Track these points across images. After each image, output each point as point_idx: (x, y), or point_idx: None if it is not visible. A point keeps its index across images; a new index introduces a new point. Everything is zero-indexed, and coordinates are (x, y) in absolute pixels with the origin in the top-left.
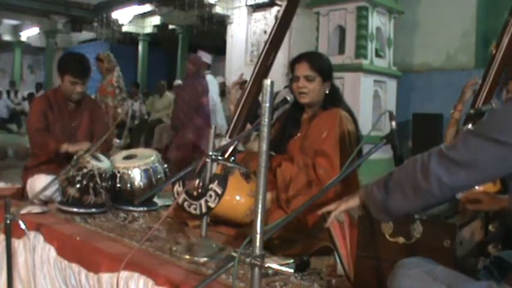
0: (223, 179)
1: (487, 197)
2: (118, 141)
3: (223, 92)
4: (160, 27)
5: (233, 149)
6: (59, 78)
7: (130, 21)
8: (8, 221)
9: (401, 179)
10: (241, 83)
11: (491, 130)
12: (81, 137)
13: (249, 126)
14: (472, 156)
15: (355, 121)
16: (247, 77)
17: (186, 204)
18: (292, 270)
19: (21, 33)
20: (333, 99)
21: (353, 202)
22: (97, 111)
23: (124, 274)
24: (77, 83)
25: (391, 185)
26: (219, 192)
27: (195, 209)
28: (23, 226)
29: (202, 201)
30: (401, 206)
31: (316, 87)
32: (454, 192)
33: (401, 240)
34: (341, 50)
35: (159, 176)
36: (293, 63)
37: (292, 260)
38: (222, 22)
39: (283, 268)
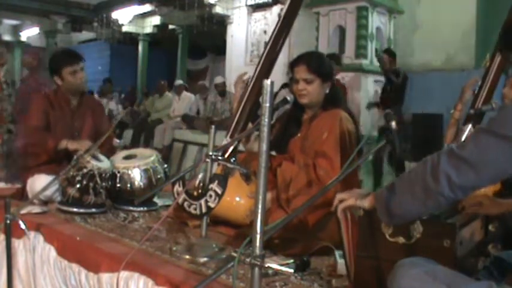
0: (223, 179)
1: (488, 200)
2: (118, 141)
3: (223, 92)
4: (160, 27)
5: (234, 149)
6: (58, 80)
7: (130, 21)
8: (8, 221)
9: (411, 180)
10: (247, 81)
11: (501, 127)
12: (85, 138)
13: (250, 125)
14: (483, 155)
15: (355, 121)
16: (247, 74)
17: (186, 204)
18: (292, 270)
19: (21, 33)
20: (333, 100)
21: (363, 203)
22: (99, 110)
23: (124, 274)
24: (77, 71)
25: (401, 187)
26: (219, 192)
27: (195, 209)
28: (23, 226)
29: (202, 201)
30: (410, 207)
31: (315, 89)
32: (465, 193)
33: (401, 240)
34: (341, 50)
35: (159, 176)
36: (292, 66)
37: (292, 260)
38: (222, 22)
39: (283, 268)
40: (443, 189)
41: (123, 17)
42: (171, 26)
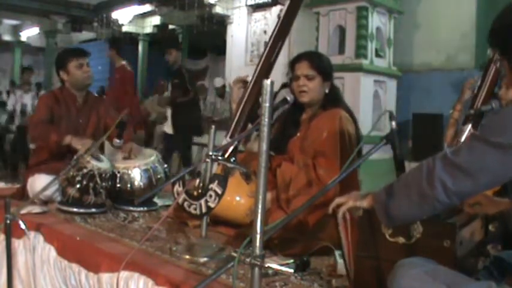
0: (223, 179)
1: (486, 200)
2: (118, 141)
3: (222, 94)
4: (160, 27)
5: (234, 149)
6: (64, 75)
7: (130, 21)
8: (8, 221)
9: (407, 184)
10: (245, 82)
11: (494, 135)
12: (88, 135)
13: (250, 126)
14: (477, 163)
15: (355, 121)
16: (248, 77)
17: (186, 204)
18: (292, 270)
19: (21, 33)
20: (333, 99)
21: (362, 203)
22: (103, 107)
23: (124, 274)
24: (83, 64)
25: (398, 190)
26: (219, 192)
27: (195, 209)
28: (23, 226)
29: (202, 201)
30: (407, 210)
31: (316, 86)
32: (461, 199)
33: (401, 240)
34: (341, 50)
35: (159, 176)
36: (293, 63)
37: (292, 260)
38: (222, 22)
39: (283, 268)
40: (438, 195)
41: (123, 17)
42: (171, 26)
